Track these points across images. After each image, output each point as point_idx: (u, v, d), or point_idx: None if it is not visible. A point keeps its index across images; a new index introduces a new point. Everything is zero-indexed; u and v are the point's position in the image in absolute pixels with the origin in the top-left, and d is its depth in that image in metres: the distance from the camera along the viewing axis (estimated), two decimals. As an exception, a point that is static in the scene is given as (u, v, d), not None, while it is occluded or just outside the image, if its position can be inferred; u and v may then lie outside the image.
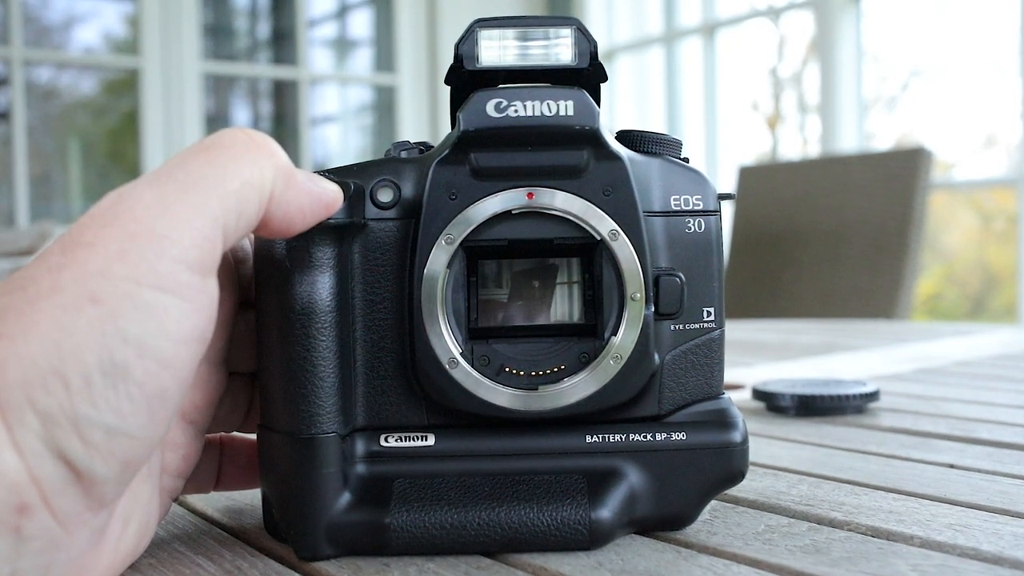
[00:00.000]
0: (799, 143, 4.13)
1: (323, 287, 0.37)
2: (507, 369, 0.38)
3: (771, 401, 0.67)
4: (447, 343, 0.37)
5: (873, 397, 0.67)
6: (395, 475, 0.38)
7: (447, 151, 0.37)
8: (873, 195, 2.02)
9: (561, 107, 0.37)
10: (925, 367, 0.91)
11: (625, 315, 0.38)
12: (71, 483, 0.29)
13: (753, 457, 0.49)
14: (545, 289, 0.39)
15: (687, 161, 0.40)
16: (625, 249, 0.37)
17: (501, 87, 0.37)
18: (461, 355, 0.37)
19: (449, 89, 0.40)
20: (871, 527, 0.39)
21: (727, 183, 3.03)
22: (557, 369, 0.38)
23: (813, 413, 0.66)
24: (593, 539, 0.37)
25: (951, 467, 0.50)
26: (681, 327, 0.39)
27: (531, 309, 0.39)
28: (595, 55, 0.38)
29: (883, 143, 3.81)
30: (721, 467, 0.39)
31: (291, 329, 0.36)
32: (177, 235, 0.30)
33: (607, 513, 0.37)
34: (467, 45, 0.38)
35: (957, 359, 0.96)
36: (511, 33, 0.38)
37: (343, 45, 4.44)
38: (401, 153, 0.39)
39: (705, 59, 3.91)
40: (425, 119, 4.23)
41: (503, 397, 0.37)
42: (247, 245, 0.39)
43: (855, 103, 3.46)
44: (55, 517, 0.29)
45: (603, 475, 0.38)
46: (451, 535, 0.37)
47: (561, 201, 0.37)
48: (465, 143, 0.37)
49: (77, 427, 0.28)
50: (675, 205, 0.39)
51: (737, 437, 0.39)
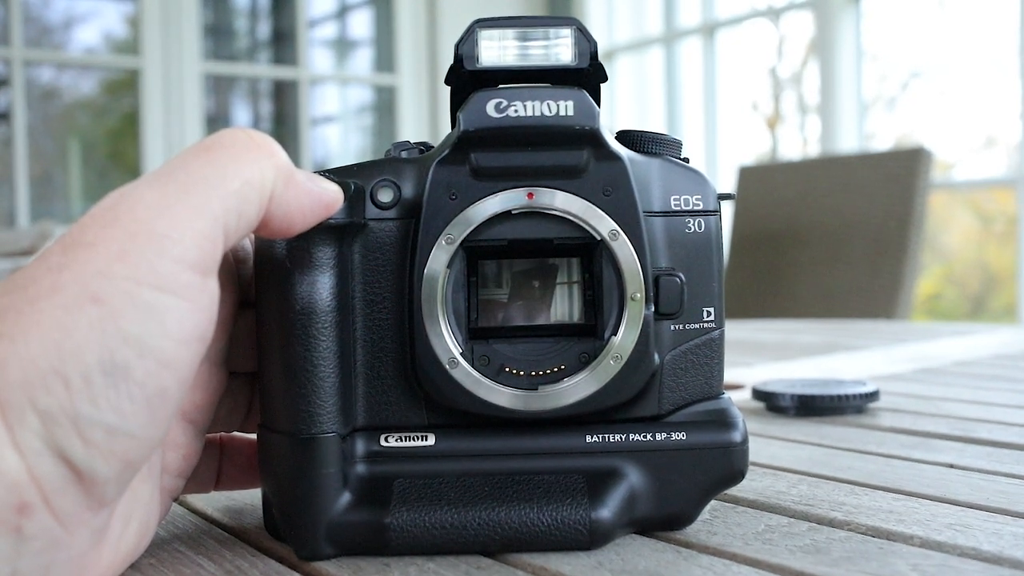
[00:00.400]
0: (799, 143, 4.13)
1: (323, 287, 0.37)
2: (507, 369, 0.38)
3: (771, 401, 0.68)
4: (447, 343, 0.37)
5: (873, 397, 0.67)
6: (395, 475, 0.38)
7: (447, 151, 0.37)
8: (873, 195, 2.02)
9: (561, 107, 0.37)
10: (925, 367, 0.91)
11: (625, 315, 0.38)
12: (72, 483, 0.29)
13: (753, 457, 0.50)
14: (545, 289, 0.39)
15: (687, 161, 0.40)
16: (625, 249, 0.37)
17: (501, 87, 0.37)
18: (461, 355, 0.37)
19: (449, 89, 0.40)
20: (871, 527, 0.39)
21: (727, 183, 3.03)
22: (557, 369, 0.38)
23: (813, 413, 0.66)
24: (593, 539, 0.37)
25: (951, 467, 0.50)
26: (681, 327, 0.39)
27: (531, 309, 0.39)
28: (595, 55, 0.38)
29: (883, 143, 3.81)
30: (721, 467, 0.39)
31: (291, 329, 0.36)
32: (178, 235, 0.30)
33: (607, 513, 0.37)
34: (467, 45, 0.38)
35: (957, 359, 0.96)
36: (511, 33, 0.38)
37: (343, 45, 4.44)
38: (401, 153, 0.39)
39: (705, 59, 3.91)
40: (425, 119, 4.23)
41: (503, 397, 0.37)
42: (248, 245, 0.39)
43: (855, 103, 3.46)
44: (55, 517, 0.29)
45: (603, 475, 0.38)
46: (451, 535, 0.37)
47: (561, 201, 0.37)
48: (465, 143, 0.37)
49: (78, 427, 0.28)
50: (675, 205, 0.39)
51: (737, 437, 0.39)
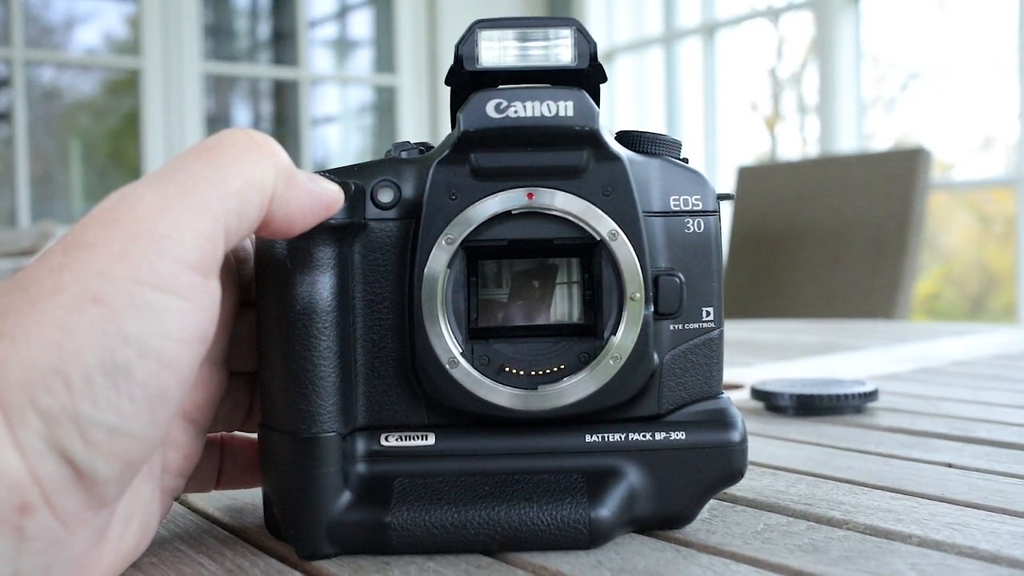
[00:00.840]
0: (798, 143, 4.13)
1: (324, 287, 0.37)
2: (507, 369, 0.38)
3: (770, 401, 0.68)
4: (447, 343, 0.37)
5: (872, 397, 0.67)
6: (395, 474, 0.38)
7: (447, 151, 0.37)
8: (872, 195, 2.02)
9: (561, 108, 0.37)
10: (924, 367, 0.91)
11: (625, 315, 0.38)
12: (73, 482, 0.29)
13: (752, 456, 0.50)
14: (545, 289, 0.39)
15: (686, 161, 0.40)
16: (624, 249, 0.38)
17: (501, 88, 0.37)
18: (461, 355, 0.37)
19: (449, 90, 0.40)
20: (869, 526, 0.39)
21: (726, 183, 3.03)
22: (557, 369, 0.38)
23: (812, 413, 0.66)
24: (593, 538, 0.37)
25: (949, 466, 0.50)
26: (680, 327, 0.39)
27: (531, 309, 0.39)
28: (595, 56, 0.38)
29: (882, 143, 3.81)
30: (720, 466, 0.39)
31: (292, 329, 0.36)
32: (179, 235, 0.30)
33: (607, 512, 0.37)
34: (467, 46, 0.38)
35: (956, 359, 0.96)
36: (511, 34, 0.38)
37: (343, 46, 4.44)
38: (401, 153, 0.39)
39: (705, 59, 3.91)
40: (425, 119, 4.23)
41: (503, 397, 0.38)
42: (248, 245, 0.39)
43: (854, 103, 3.46)
44: (57, 516, 0.29)
45: (603, 474, 0.38)
46: (451, 534, 0.37)
47: (561, 201, 0.37)
48: (465, 143, 0.37)
49: (79, 427, 0.28)
50: (674, 205, 0.39)
51: (736, 436, 0.39)
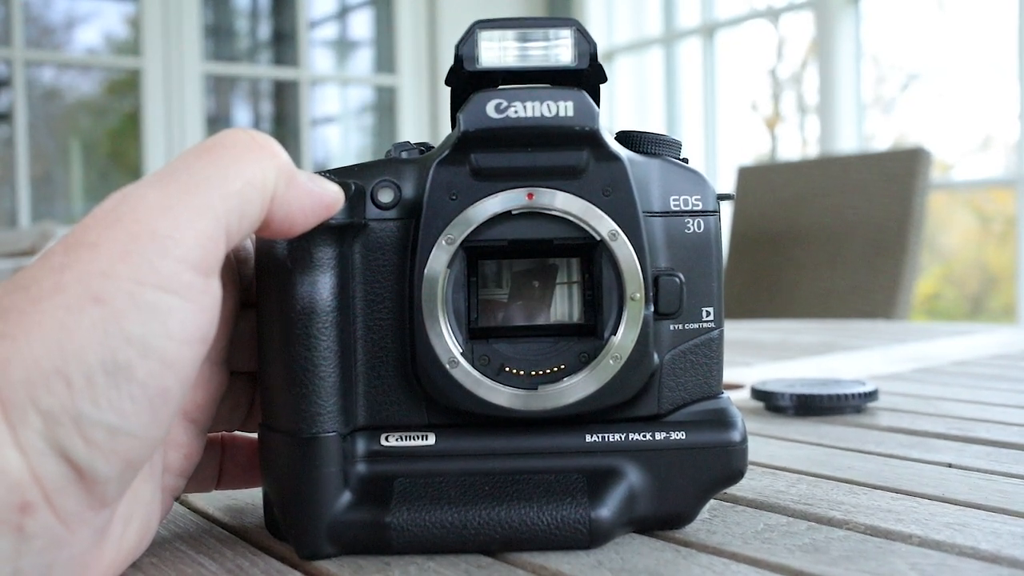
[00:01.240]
0: (798, 143, 4.13)
1: (324, 287, 0.37)
2: (507, 369, 0.38)
3: (770, 401, 0.68)
4: (447, 343, 0.37)
5: (872, 397, 0.67)
6: (396, 474, 0.38)
7: (447, 152, 0.37)
8: (872, 195, 2.02)
9: (561, 108, 0.37)
10: (924, 367, 0.91)
11: (625, 315, 0.38)
12: (73, 482, 0.29)
13: (752, 456, 0.50)
14: (545, 289, 0.39)
15: (686, 161, 0.40)
16: (625, 249, 0.38)
17: (501, 88, 0.37)
18: (461, 355, 0.37)
19: (449, 90, 0.40)
20: (870, 526, 0.39)
21: (726, 183, 3.03)
22: (557, 369, 0.38)
23: (812, 413, 0.66)
24: (593, 538, 0.37)
25: (949, 466, 0.50)
26: (680, 327, 0.39)
27: (531, 309, 0.39)
28: (595, 56, 0.38)
29: (882, 144, 3.81)
30: (720, 466, 0.39)
31: (292, 329, 0.37)
32: (180, 235, 0.30)
33: (607, 512, 0.37)
34: (467, 46, 0.38)
35: (955, 359, 0.96)
36: (511, 34, 0.38)
37: (343, 46, 4.44)
38: (401, 154, 0.39)
39: (704, 60, 3.91)
40: (425, 120, 4.23)
41: (503, 397, 0.38)
42: (249, 245, 0.39)
43: (854, 104, 3.46)
44: (57, 516, 0.29)
45: (603, 474, 0.38)
46: (451, 534, 0.37)
47: (561, 201, 0.37)
48: (465, 144, 0.37)
49: (79, 426, 0.28)
50: (674, 205, 0.39)
51: (736, 436, 0.39)
